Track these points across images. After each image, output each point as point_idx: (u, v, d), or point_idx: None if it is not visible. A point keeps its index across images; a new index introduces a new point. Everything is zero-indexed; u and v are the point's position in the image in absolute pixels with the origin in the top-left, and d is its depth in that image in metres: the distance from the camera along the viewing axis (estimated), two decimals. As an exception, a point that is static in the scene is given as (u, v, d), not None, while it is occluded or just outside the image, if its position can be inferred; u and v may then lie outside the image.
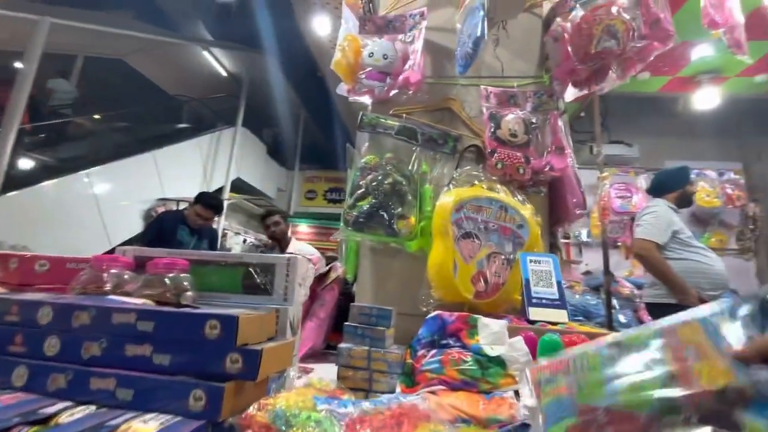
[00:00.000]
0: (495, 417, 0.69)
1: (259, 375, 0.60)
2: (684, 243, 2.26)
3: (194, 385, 0.58)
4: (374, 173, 1.53)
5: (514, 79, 1.67)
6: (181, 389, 0.58)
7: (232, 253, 1.15)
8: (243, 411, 0.58)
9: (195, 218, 2.92)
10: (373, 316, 1.01)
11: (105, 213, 4.83)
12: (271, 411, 0.55)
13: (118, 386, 0.60)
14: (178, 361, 0.62)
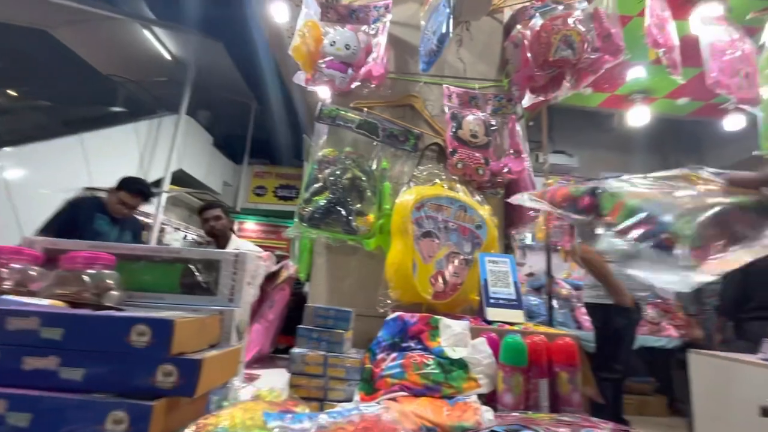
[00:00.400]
0: (461, 424, 0.65)
1: (197, 389, 0.51)
2: None
3: (113, 405, 0.48)
4: (332, 167, 1.46)
5: (476, 81, 1.68)
6: (96, 410, 0.48)
7: (168, 246, 1.02)
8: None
9: (118, 207, 2.48)
10: (330, 318, 0.94)
11: (18, 201, 4.23)
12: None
13: (9, 410, 0.48)
14: (94, 375, 0.51)
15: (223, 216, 2.72)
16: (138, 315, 0.54)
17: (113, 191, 2.52)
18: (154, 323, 0.52)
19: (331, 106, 1.57)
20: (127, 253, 0.86)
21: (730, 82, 1.73)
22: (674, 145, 4.84)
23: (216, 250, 0.88)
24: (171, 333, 0.51)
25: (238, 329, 0.85)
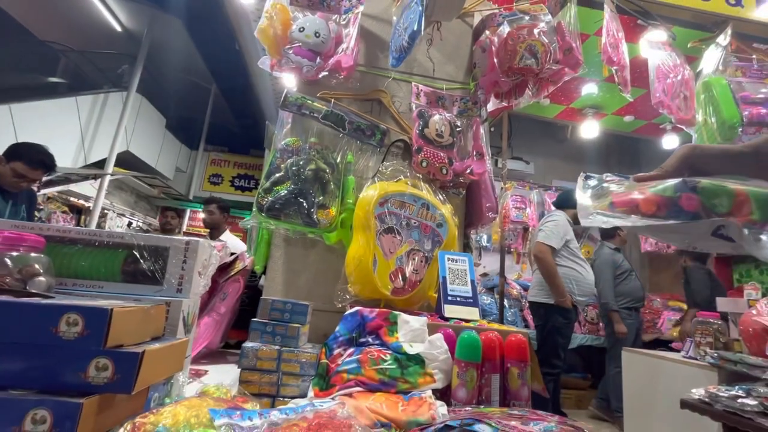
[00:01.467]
0: (415, 420, 0.65)
1: (136, 385, 0.47)
2: (571, 252, 2.60)
3: (34, 403, 0.42)
4: (296, 157, 1.41)
5: (443, 82, 1.70)
6: (13, 409, 0.42)
7: (109, 231, 0.92)
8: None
9: (13, 180, 2.08)
10: (286, 312, 0.91)
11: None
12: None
13: None
14: (13, 370, 0.45)
15: (216, 211, 2.97)
16: (69, 303, 0.48)
17: (2, 161, 2.08)
18: (88, 312, 0.47)
19: (298, 93, 1.52)
20: (60, 236, 0.78)
21: (672, 104, 1.88)
22: (618, 158, 5.21)
23: (164, 236, 0.82)
24: (107, 323, 0.47)
25: (186, 321, 0.80)
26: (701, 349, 1.68)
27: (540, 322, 2.62)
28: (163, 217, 3.07)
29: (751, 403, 1.19)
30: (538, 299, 2.65)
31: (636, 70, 2.34)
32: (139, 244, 0.81)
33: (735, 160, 0.53)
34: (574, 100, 3.74)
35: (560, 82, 1.60)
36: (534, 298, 2.71)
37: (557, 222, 2.61)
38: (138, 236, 0.83)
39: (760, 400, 1.24)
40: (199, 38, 6.29)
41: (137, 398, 0.55)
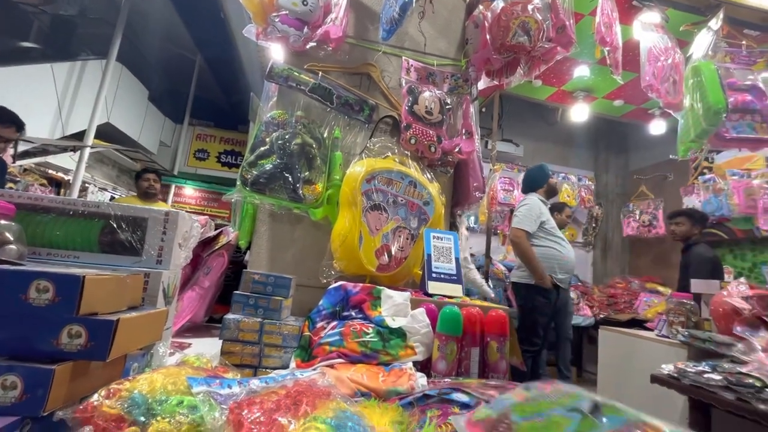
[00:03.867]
0: (395, 389, 0.66)
1: (111, 353, 0.46)
2: (548, 232, 2.63)
3: (4, 369, 0.41)
4: (281, 130, 1.38)
5: (435, 58, 1.66)
6: (-19, 375, 0.41)
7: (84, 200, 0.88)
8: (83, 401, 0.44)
9: None
10: (269, 285, 0.90)
11: None
12: (125, 398, 0.43)
13: None
14: (-19, 335, 0.44)
15: (159, 180, 2.78)
16: (39, 269, 0.47)
17: None
18: (59, 279, 0.46)
19: (284, 65, 1.47)
20: (32, 204, 0.75)
21: (661, 87, 1.89)
22: (606, 143, 5.25)
23: (143, 207, 0.80)
24: (78, 290, 0.45)
25: (166, 292, 0.79)
26: (674, 327, 1.75)
27: (521, 302, 2.69)
28: (144, 181, 2.70)
29: (716, 378, 1.25)
30: (520, 280, 2.70)
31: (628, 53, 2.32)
32: (117, 214, 0.79)
33: None
34: (566, 82, 3.72)
35: (552, 60, 1.58)
36: (516, 278, 2.76)
37: (529, 206, 2.63)
38: (115, 206, 0.81)
39: (724, 375, 1.31)
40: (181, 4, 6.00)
41: (114, 367, 0.54)
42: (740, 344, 1.35)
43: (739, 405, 1.21)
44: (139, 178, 2.76)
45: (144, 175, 2.74)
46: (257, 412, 0.43)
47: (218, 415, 0.44)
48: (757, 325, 1.48)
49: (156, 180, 2.74)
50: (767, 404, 1.16)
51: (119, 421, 0.42)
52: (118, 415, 0.42)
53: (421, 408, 0.59)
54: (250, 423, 0.42)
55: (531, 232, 2.57)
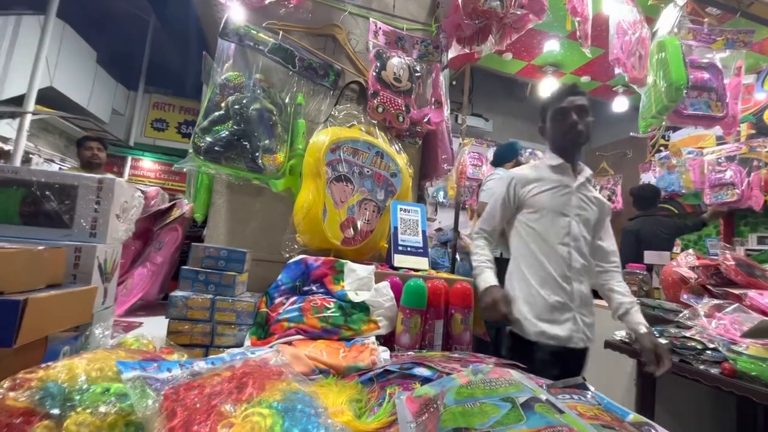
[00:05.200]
0: (355, 365, 0.64)
1: (18, 338, 0.40)
2: None
3: None
4: (238, 94, 1.27)
5: (404, 21, 1.58)
6: None
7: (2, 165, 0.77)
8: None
9: None
10: (221, 259, 0.84)
11: None
12: (37, 389, 0.37)
13: None
14: None
15: (104, 149, 2.52)
16: None
17: None
18: (-53, 253, 0.38)
19: (240, 22, 1.34)
20: (-69, 168, 0.65)
21: (627, 62, 1.90)
22: (573, 120, 5.38)
23: (72, 174, 0.71)
24: (-27, 266, 0.38)
25: (103, 269, 0.71)
26: (627, 296, 1.83)
27: None
28: (86, 150, 2.43)
29: (663, 342, 1.33)
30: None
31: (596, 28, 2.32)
32: (40, 181, 0.70)
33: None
34: (536, 56, 3.72)
35: (524, 29, 1.54)
36: None
37: (497, 180, 2.66)
38: (38, 172, 0.71)
39: (670, 339, 1.39)
40: (130, -44, 5.43)
41: (32, 352, 0.48)
42: (686, 311, 1.44)
43: (681, 366, 1.30)
44: (80, 147, 2.47)
45: (86, 143, 2.46)
46: (195, 398, 0.39)
47: (151, 403, 0.39)
48: (702, 293, 1.58)
49: (100, 149, 2.46)
50: (707, 365, 1.26)
51: (29, 414, 0.36)
52: (27, 409, 0.36)
53: (381, 384, 0.57)
54: (185, 410, 0.37)
55: None
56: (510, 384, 0.41)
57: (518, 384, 0.42)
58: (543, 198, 1.19)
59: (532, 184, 1.21)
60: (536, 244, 1.17)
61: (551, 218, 1.17)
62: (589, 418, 0.38)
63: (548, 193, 1.19)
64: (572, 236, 1.16)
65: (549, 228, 1.17)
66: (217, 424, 0.35)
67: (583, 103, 1.17)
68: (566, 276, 1.13)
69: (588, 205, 1.20)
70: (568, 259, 1.14)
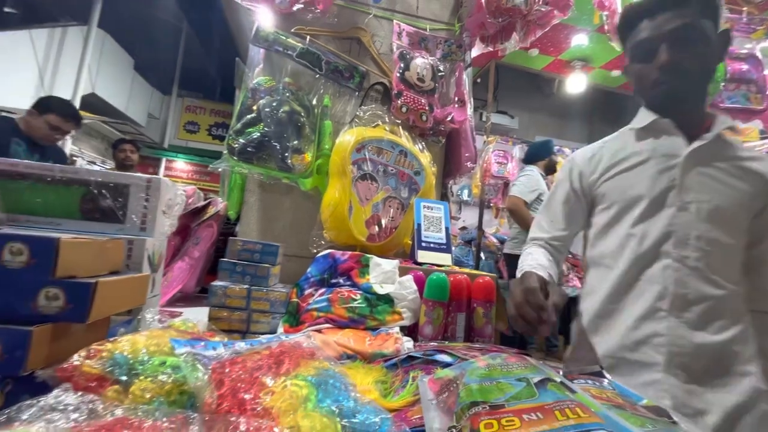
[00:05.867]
0: (380, 352, 0.68)
1: (90, 315, 0.46)
2: None
3: (-20, 329, 0.41)
4: (269, 97, 1.34)
5: (427, 22, 1.60)
6: (-43, 336, 0.41)
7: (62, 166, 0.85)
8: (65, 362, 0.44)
9: (48, 132, 2.08)
10: (256, 252, 0.90)
11: None
12: (107, 359, 0.43)
13: None
14: (-44, 298, 0.43)
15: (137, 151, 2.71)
16: (11, 232, 0.46)
17: (35, 113, 2.06)
18: (33, 242, 0.45)
19: (270, 28, 1.41)
20: (8, 170, 0.73)
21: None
22: (601, 115, 5.21)
23: (125, 173, 0.78)
24: (54, 253, 0.45)
25: (152, 260, 0.78)
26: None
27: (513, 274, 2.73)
28: (120, 152, 2.61)
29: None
30: (513, 251, 2.74)
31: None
32: (97, 181, 0.77)
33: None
34: (563, 51, 3.63)
35: (548, 25, 1.53)
36: (510, 250, 2.80)
37: (529, 176, 2.65)
38: (95, 172, 0.79)
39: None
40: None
41: (97, 330, 0.54)
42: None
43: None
44: (115, 149, 2.67)
45: (120, 146, 2.65)
46: (239, 371, 0.44)
47: (201, 375, 0.44)
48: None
49: (133, 150, 2.65)
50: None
51: (101, 380, 0.42)
52: (100, 375, 0.42)
53: (405, 369, 0.60)
54: (231, 381, 0.42)
55: (528, 202, 2.59)
56: (526, 367, 0.44)
57: (534, 367, 0.44)
58: (621, 182, 0.76)
59: (604, 164, 0.80)
60: (611, 259, 0.75)
61: (637, 213, 0.73)
62: (602, 399, 0.40)
63: (631, 174, 0.76)
64: (678, 240, 0.69)
65: (631, 229, 0.73)
66: (260, 392, 0.40)
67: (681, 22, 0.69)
68: (658, 313, 0.68)
69: (721, 182, 0.70)
70: (665, 283, 0.68)
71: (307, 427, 0.35)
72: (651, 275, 0.70)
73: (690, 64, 0.70)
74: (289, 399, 0.38)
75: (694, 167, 0.72)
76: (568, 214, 0.85)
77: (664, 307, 0.68)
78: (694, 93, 0.74)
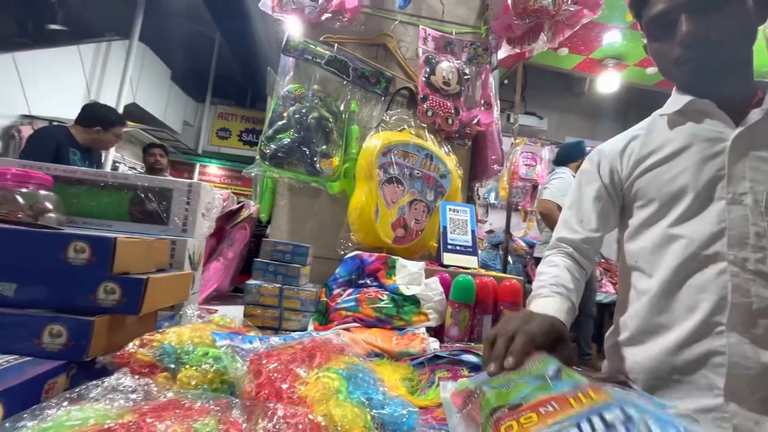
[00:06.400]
0: (407, 351, 0.69)
1: (142, 308, 0.50)
2: None
3: (50, 319, 0.46)
4: (298, 104, 1.39)
5: (453, 26, 1.61)
6: (31, 324, 0.46)
7: (114, 172, 0.93)
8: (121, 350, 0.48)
9: (113, 140, 2.32)
10: (288, 253, 0.94)
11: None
12: (157, 348, 0.47)
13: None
14: (28, 291, 0.49)
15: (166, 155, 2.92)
16: (76, 232, 0.51)
17: (103, 127, 2.24)
18: (94, 240, 0.50)
19: (300, 38, 1.46)
20: (67, 176, 0.80)
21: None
22: (636, 114, 5.00)
23: (168, 178, 0.84)
24: (111, 251, 0.49)
25: (192, 260, 0.84)
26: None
27: None
28: (150, 156, 2.79)
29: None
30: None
31: (663, 14, 2.18)
32: (144, 185, 0.83)
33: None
34: (595, 49, 3.54)
35: (577, 25, 1.50)
36: (541, 254, 2.74)
37: (562, 179, 2.57)
38: (142, 177, 0.85)
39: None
40: (199, -19, 5.96)
41: (146, 322, 0.59)
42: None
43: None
44: (145, 153, 2.80)
45: (150, 150, 2.78)
46: (275, 363, 0.47)
47: (240, 366, 0.48)
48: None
49: (162, 155, 2.77)
50: None
51: (152, 367, 0.46)
52: (151, 362, 0.46)
53: (431, 368, 0.62)
54: (268, 372, 0.45)
55: (562, 205, 2.53)
56: (540, 361, 0.44)
57: (546, 360, 0.44)
58: (657, 176, 0.66)
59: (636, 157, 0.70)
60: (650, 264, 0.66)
61: (680, 210, 0.63)
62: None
63: (668, 166, 0.65)
64: (734, 239, 0.59)
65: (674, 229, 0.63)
66: (294, 382, 0.43)
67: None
68: (716, 328, 0.59)
69: None
70: (722, 291, 0.59)
71: (339, 416, 0.37)
72: (702, 282, 0.60)
73: (718, 33, 0.59)
74: (322, 389, 0.41)
75: (745, 152, 0.60)
76: (600, 213, 0.74)
77: (723, 321, 0.57)
78: (732, 65, 0.63)
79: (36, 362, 0.44)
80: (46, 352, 0.45)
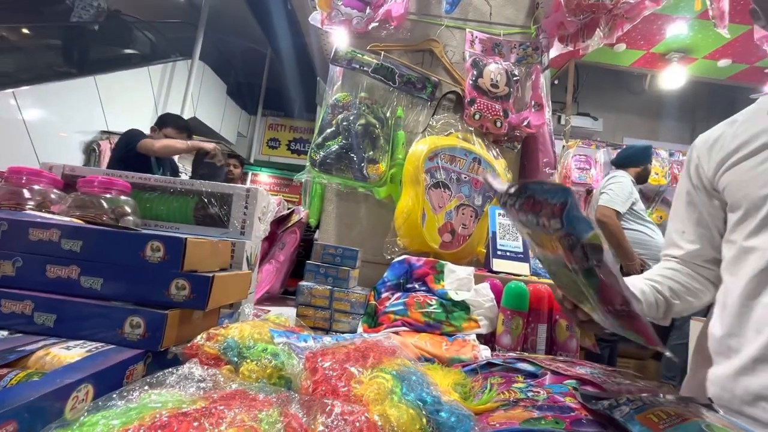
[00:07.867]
0: (458, 357, 0.68)
1: (209, 304, 0.54)
2: (637, 215, 2.40)
3: (131, 311, 0.51)
4: (346, 112, 1.42)
5: (501, 27, 1.58)
6: (115, 315, 0.51)
7: (182, 179, 1.01)
8: (189, 342, 0.52)
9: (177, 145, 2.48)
10: (338, 256, 0.97)
11: (37, 142, 4.30)
12: (222, 342, 0.50)
13: (35, 310, 0.51)
14: (113, 285, 0.54)
15: (240, 166, 2.93)
16: (152, 233, 0.56)
17: (156, 129, 2.48)
18: (168, 240, 0.54)
19: (348, 48, 1.51)
20: (142, 183, 0.88)
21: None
22: (707, 111, 4.57)
23: (228, 184, 0.89)
24: (183, 250, 0.53)
25: (249, 261, 0.88)
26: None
27: None
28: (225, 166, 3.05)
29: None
30: None
31: (737, 2, 1.99)
32: (207, 191, 0.90)
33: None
34: (657, 43, 3.29)
35: (638, 18, 1.41)
36: None
37: (621, 183, 2.40)
38: (206, 184, 0.91)
39: None
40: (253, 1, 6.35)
41: (210, 317, 0.63)
42: None
43: None
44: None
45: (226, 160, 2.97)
46: (330, 361, 0.48)
47: (296, 362, 0.49)
48: None
49: (236, 165, 2.93)
50: None
51: (217, 359, 0.49)
52: (216, 355, 0.49)
53: (484, 375, 0.60)
54: (324, 369, 0.46)
55: (621, 212, 2.36)
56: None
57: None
58: (740, 174, 0.57)
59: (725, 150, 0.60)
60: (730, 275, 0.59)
61: (760, 217, 0.54)
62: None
63: (751, 162, 0.56)
64: None
65: (749, 241, 0.55)
66: (350, 380, 0.43)
67: None
68: None
69: None
70: None
71: (395, 416, 0.37)
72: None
73: None
74: (377, 389, 0.41)
75: None
76: (697, 220, 0.63)
77: None
78: None
79: (118, 350, 0.48)
80: (127, 341, 0.50)
